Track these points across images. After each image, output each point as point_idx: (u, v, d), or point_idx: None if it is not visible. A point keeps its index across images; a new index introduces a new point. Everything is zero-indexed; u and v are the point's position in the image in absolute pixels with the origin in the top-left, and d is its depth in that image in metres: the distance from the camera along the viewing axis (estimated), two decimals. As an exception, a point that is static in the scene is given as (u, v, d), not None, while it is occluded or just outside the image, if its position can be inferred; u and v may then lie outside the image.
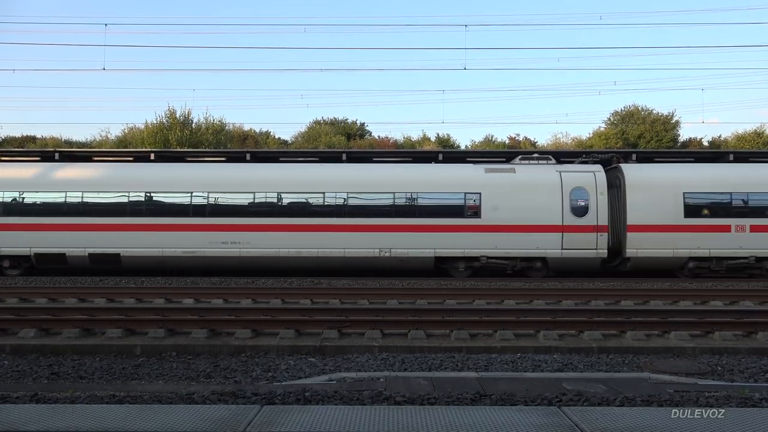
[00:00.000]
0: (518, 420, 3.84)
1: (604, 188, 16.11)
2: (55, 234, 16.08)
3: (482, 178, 16.39)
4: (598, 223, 15.95)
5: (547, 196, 16.05)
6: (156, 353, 7.48)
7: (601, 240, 15.96)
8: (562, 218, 15.93)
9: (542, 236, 15.90)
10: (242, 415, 3.90)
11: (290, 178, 16.78)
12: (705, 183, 16.32)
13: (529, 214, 15.94)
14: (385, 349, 7.57)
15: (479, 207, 16.01)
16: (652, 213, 15.96)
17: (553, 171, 16.45)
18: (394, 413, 4.00)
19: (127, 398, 4.87)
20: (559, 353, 7.52)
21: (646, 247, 15.91)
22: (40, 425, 3.66)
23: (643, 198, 16.11)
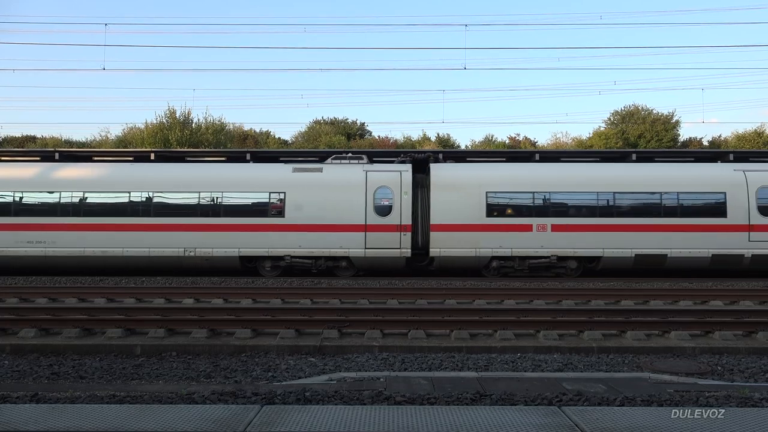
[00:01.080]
0: (518, 420, 3.84)
1: (408, 188, 16.16)
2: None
3: (288, 178, 16.47)
4: (402, 223, 16.02)
5: (351, 196, 16.13)
6: (156, 353, 7.49)
7: (405, 239, 16.01)
8: (366, 217, 16.00)
9: (346, 235, 15.96)
10: (242, 415, 3.90)
11: (95, 177, 16.77)
12: (507, 182, 16.39)
13: (333, 214, 16.02)
14: (385, 348, 7.57)
15: (284, 206, 16.12)
16: (455, 212, 16.03)
17: (359, 170, 16.48)
18: (394, 413, 4.00)
19: (127, 398, 4.87)
20: (559, 353, 7.52)
21: (449, 246, 15.96)
22: (40, 425, 3.66)
23: (446, 197, 16.16)
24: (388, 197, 16.12)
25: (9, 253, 16.07)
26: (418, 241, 16.38)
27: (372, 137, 50.09)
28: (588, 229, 15.95)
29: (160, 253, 16.04)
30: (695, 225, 15.84)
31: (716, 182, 16.22)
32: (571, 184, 16.34)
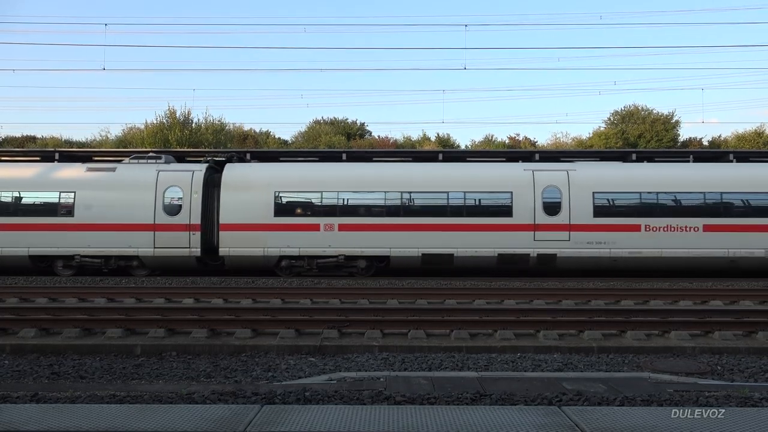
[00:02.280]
0: (518, 420, 3.84)
1: (199, 187, 16.18)
2: None
3: (79, 177, 16.37)
4: (191, 222, 16.03)
5: (141, 195, 16.09)
6: (156, 353, 7.48)
7: (194, 239, 16.00)
8: (155, 217, 16.00)
9: (135, 235, 15.95)
10: (242, 414, 3.90)
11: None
12: (295, 182, 16.49)
13: (123, 213, 16.00)
14: (385, 348, 7.57)
15: (73, 206, 16.07)
16: (244, 212, 16.07)
17: (152, 170, 16.45)
18: (394, 413, 4.00)
19: (127, 398, 4.87)
20: (559, 353, 7.52)
21: (238, 246, 15.98)
22: (41, 425, 3.66)
23: (236, 197, 16.21)
24: (178, 197, 16.17)
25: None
26: (211, 241, 16.42)
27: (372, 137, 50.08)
28: (375, 228, 16.02)
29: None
30: (481, 225, 15.95)
31: (503, 182, 16.34)
32: (359, 183, 16.43)
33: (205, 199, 16.30)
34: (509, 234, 15.91)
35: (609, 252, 15.79)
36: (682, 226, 15.85)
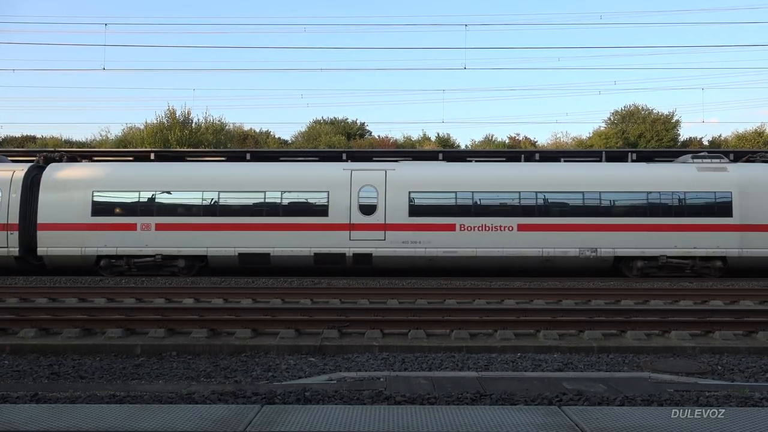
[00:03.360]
0: (518, 420, 3.83)
1: (18, 187, 16.17)
2: None
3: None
4: (9, 222, 16.04)
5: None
6: (156, 353, 7.48)
7: (12, 238, 16.00)
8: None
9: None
10: (242, 414, 3.90)
11: None
12: (113, 182, 16.46)
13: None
14: (385, 348, 7.57)
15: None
16: (62, 212, 16.03)
17: None
18: (394, 413, 4.00)
19: (127, 398, 4.87)
20: (560, 353, 7.52)
21: (56, 245, 15.96)
22: (41, 425, 3.66)
23: (54, 197, 16.14)
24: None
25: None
26: (31, 241, 16.25)
27: (372, 137, 50.09)
28: (192, 228, 16.03)
29: None
30: (298, 224, 15.97)
31: (320, 182, 16.36)
32: (176, 183, 16.47)
33: (25, 199, 16.28)
34: (325, 234, 15.93)
35: (425, 251, 15.82)
36: (497, 225, 15.89)
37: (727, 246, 15.81)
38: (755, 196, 15.96)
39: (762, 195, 16.02)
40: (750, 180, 16.20)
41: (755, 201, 15.94)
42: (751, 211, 15.87)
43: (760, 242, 15.84)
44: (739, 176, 16.24)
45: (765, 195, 16.02)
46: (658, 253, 15.84)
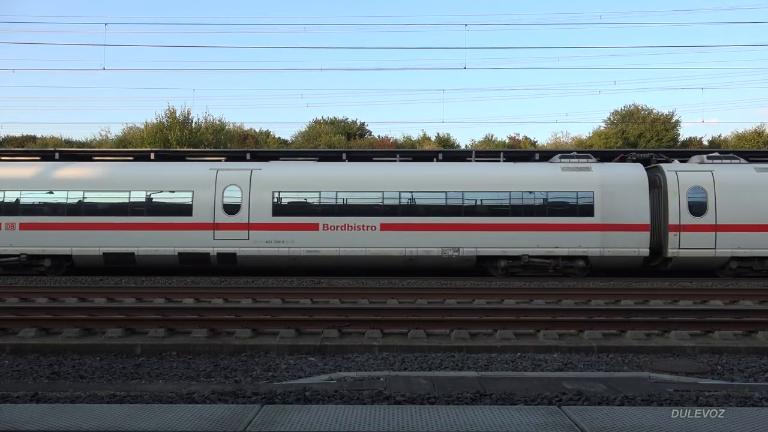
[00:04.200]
0: (518, 419, 3.84)
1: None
2: None
3: None
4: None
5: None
6: (156, 353, 7.48)
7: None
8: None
9: None
10: (242, 414, 3.90)
11: None
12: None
13: None
14: (385, 348, 7.57)
15: None
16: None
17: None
18: (394, 413, 4.00)
19: (127, 398, 4.87)
20: (559, 353, 7.52)
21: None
22: (41, 425, 3.66)
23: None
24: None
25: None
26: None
27: (372, 137, 50.08)
28: (57, 227, 16.00)
29: None
30: (162, 224, 16.00)
31: (185, 181, 16.39)
32: (41, 183, 16.44)
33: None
34: (189, 233, 15.96)
35: (288, 251, 15.88)
36: (360, 225, 15.94)
37: (588, 245, 15.87)
38: (617, 196, 16.02)
39: (623, 194, 16.05)
40: (612, 180, 16.22)
41: (617, 200, 15.99)
42: (613, 210, 15.93)
43: (621, 241, 15.90)
44: (602, 176, 16.25)
45: (626, 195, 16.06)
46: (520, 253, 15.93)
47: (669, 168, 16.56)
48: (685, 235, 15.90)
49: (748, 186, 16.09)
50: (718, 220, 15.86)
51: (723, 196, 15.95)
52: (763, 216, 15.82)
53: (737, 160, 17.02)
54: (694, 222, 15.90)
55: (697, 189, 16.07)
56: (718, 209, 15.88)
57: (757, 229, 15.83)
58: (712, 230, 15.88)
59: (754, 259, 15.95)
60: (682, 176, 16.23)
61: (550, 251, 15.91)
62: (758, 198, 15.93)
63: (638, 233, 15.87)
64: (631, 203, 15.95)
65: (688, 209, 15.96)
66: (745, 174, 16.36)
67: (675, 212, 15.96)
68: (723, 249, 15.85)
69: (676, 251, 15.93)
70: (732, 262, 16.02)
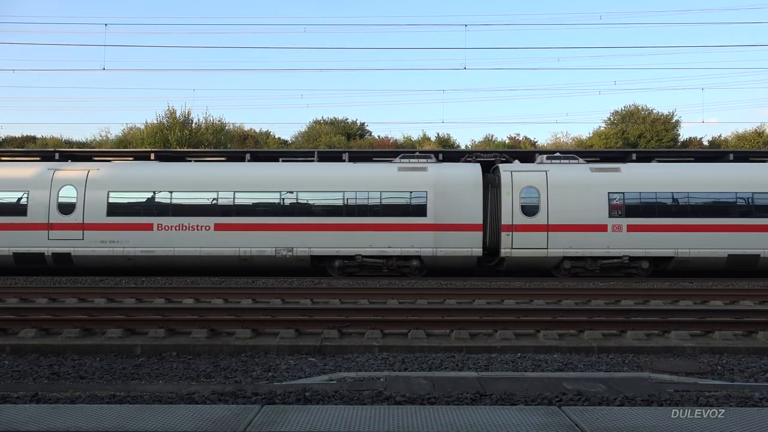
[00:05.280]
0: (518, 420, 3.83)
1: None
2: None
3: None
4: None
5: None
6: (156, 353, 7.48)
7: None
8: None
9: None
10: (242, 414, 3.90)
11: None
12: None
13: None
14: (385, 348, 7.57)
15: None
16: None
17: None
18: (394, 413, 3.99)
19: (127, 398, 4.87)
20: (559, 353, 7.52)
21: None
22: (41, 425, 3.66)
23: None
24: None
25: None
26: None
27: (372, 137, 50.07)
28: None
29: None
30: None
31: (20, 181, 16.47)
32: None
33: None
34: (24, 233, 16.03)
35: (123, 251, 15.97)
36: (195, 225, 16.02)
37: (422, 245, 15.96)
38: (450, 196, 16.09)
39: (457, 194, 16.13)
40: (446, 180, 16.30)
41: (450, 201, 16.06)
42: (446, 210, 16.00)
43: (454, 241, 15.97)
44: (436, 176, 16.31)
45: (460, 195, 16.14)
46: (354, 253, 16.03)
47: (505, 168, 16.69)
48: (517, 235, 16.01)
49: (581, 186, 16.19)
50: (550, 220, 15.97)
51: (555, 196, 16.06)
52: (596, 216, 15.94)
53: (576, 160, 17.15)
54: (526, 222, 16.00)
55: (531, 189, 16.17)
56: (550, 209, 15.99)
57: (589, 228, 15.94)
58: (544, 230, 15.98)
59: (587, 259, 16.06)
60: (516, 176, 16.33)
61: (384, 251, 16.01)
62: (590, 198, 16.03)
63: (471, 233, 15.99)
64: (465, 203, 16.07)
65: (521, 209, 16.07)
66: (579, 174, 16.47)
67: (508, 212, 16.07)
68: (555, 249, 15.95)
69: (509, 251, 16.02)
70: (565, 261, 16.11)
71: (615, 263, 16.02)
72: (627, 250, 15.90)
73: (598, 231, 15.91)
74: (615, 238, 15.88)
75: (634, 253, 15.92)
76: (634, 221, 15.94)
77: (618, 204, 15.98)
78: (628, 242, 15.89)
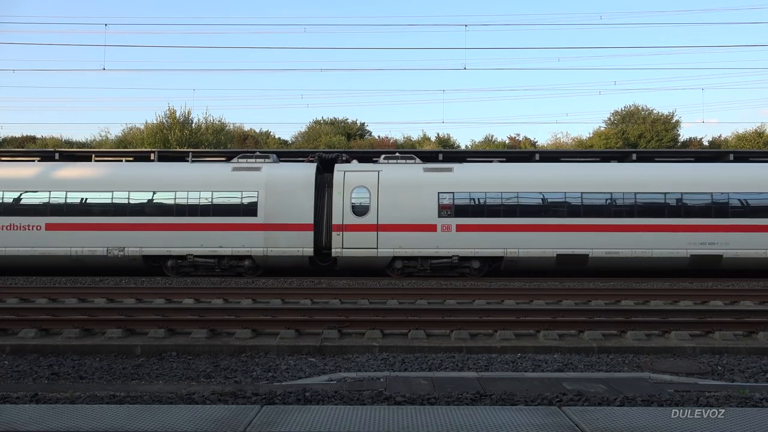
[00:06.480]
0: (518, 420, 3.83)
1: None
2: None
3: None
4: None
5: None
6: (156, 353, 7.48)
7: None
8: None
9: None
10: (242, 415, 3.90)
11: None
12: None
13: None
14: (385, 349, 7.57)
15: None
16: None
17: None
18: (394, 413, 3.99)
19: (127, 398, 4.87)
20: (560, 353, 7.52)
21: None
22: (41, 425, 3.66)
23: None
24: None
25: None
26: None
27: (372, 137, 50.08)
28: None
29: None
30: None
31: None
32: None
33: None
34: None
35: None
36: (25, 225, 16.19)
37: (252, 245, 16.12)
38: (282, 196, 16.24)
39: (288, 194, 16.27)
40: (279, 179, 16.44)
41: (282, 200, 16.20)
42: (277, 211, 16.14)
43: (285, 241, 16.09)
44: (269, 176, 16.44)
45: (291, 194, 16.28)
46: (185, 252, 16.16)
47: (339, 168, 16.78)
48: (348, 235, 16.12)
49: (412, 186, 16.30)
50: (380, 219, 16.08)
51: (386, 196, 16.18)
52: (425, 216, 16.05)
53: (412, 160, 17.24)
54: (357, 222, 16.12)
55: (362, 189, 16.29)
56: (380, 209, 16.12)
57: (419, 229, 16.07)
58: (374, 230, 16.09)
59: (418, 259, 16.14)
60: (349, 176, 16.42)
61: (215, 251, 16.15)
62: (421, 198, 16.13)
63: (302, 233, 16.13)
64: (296, 203, 16.23)
65: (352, 209, 16.18)
66: (410, 174, 16.57)
67: (339, 212, 16.18)
68: (385, 249, 16.07)
69: (340, 251, 16.15)
70: (396, 261, 16.19)
71: (445, 263, 16.15)
72: (456, 250, 16.06)
73: (427, 231, 16.07)
74: (444, 238, 16.03)
75: (463, 253, 16.05)
76: (463, 221, 16.07)
77: (448, 204, 16.12)
78: (457, 242, 16.02)
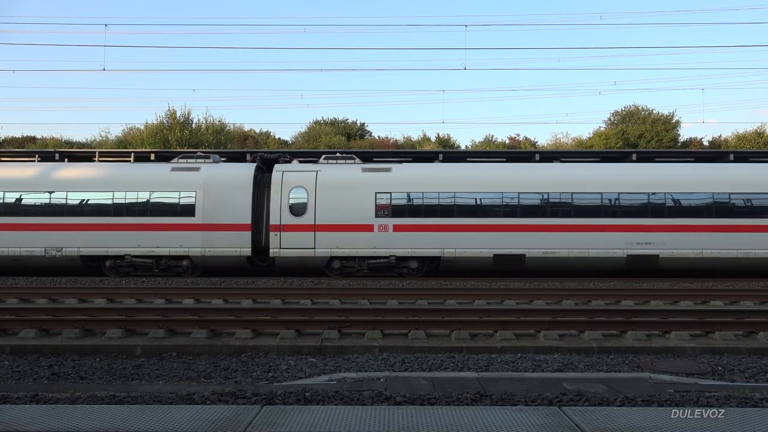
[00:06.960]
0: (518, 420, 3.83)
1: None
2: None
3: None
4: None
5: None
6: (156, 353, 7.48)
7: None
8: None
9: None
10: (243, 415, 3.90)
11: None
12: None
13: None
14: (385, 349, 7.57)
15: None
16: None
17: None
18: (394, 413, 3.99)
19: (127, 398, 4.87)
20: (560, 353, 7.52)
21: None
22: (41, 425, 3.66)
23: None
24: None
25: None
26: None
27: (372, 137, 50.08)
28: None
29: None
30: None
31: None
32: None
33: None
34: None
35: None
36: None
37: (190, 245, 16.15)
38: (220, 196, 16.28)
39: (226, 194, 16.32)
40: (217, 180, 16.49)
41: (219, 201, 16.25)
42: (215, 211, 16.19)
43: (222, 241, 16.13)
44: (207, 176, 16.48)
45: (229, 195, 16.32)
46: (123, 253, 16.19)
47: (278, 168, 16.82)
48: (285, 235, 16.15)
49: (349, 186, 16.37)
50: (317, 220, 16.13)
51: (323, 196, 16.22)
52: (363, 216, 16.11)
53: (352, 160, 17.32)
54: (294, 222, 16.15)
55: (299, 189, 16.34)
56: (317, 209, 16.16)
57: (356, 228, 16.11)
58: (311, 230, 16.14)
59: (356, 259, 16.18)
60: (287, 176, 16.47)
61: (153, 251, 16.17)
62: (358, 198, 16.21)
63: (240, 233, 16.18)
64: (234, 203, 16.28)
65: (289, 209, 16.22)
66: (348, 175, 16.64)
67: (276, 212, 16.22)
68: (322, 249, 16.11)
69: (278, 251, 16.18)
70: (334, 261, 16.23)
71: (382, 263, 16.19)
72: (393, 250, 16.10)
73: (364, 231, 16.11)
74: (381, 238, 16.07)
75: (400, 252, 16.10)
76: (400, 221, 16.12)
77: (385, 204, 16.17)
78: (394, 242, 16.07)
